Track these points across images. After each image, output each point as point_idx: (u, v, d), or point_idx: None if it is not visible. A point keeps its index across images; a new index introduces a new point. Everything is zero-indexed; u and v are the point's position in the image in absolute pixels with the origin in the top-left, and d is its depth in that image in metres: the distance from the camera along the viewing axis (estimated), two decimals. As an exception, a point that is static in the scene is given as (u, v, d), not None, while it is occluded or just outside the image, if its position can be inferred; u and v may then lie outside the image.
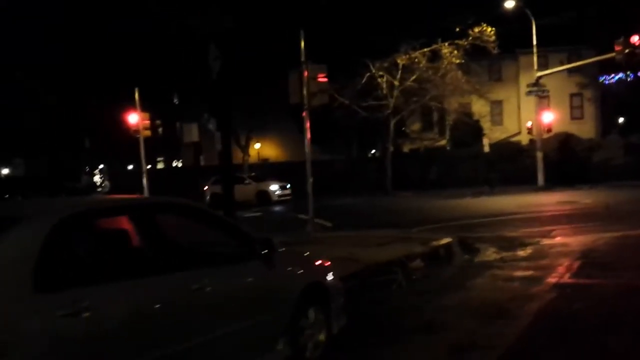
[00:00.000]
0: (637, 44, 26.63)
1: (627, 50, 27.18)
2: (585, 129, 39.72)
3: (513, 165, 37.08)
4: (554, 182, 32.79)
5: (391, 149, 36.94)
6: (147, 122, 24.30)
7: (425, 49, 33.75)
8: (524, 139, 38.85)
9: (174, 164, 51.68)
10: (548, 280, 7.84)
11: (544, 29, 36.70)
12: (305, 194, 32.26)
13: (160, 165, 56.08)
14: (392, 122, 36.25)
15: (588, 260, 9.27)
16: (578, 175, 33.81)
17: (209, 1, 14.23)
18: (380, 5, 32.93)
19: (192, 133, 28.55)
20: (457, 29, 33.49)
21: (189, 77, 32.42)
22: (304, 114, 15.32)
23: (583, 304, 6.56)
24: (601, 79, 43.11)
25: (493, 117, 41.60)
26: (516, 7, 33.81)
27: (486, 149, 35.99)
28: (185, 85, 38.11)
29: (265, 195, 33.73)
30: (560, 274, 8.26)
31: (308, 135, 15.43)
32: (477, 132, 40.14)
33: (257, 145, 48.96)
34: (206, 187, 35.11)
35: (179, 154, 51.31)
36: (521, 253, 10.39)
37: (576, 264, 8.95)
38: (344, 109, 35.49)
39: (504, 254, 10.47)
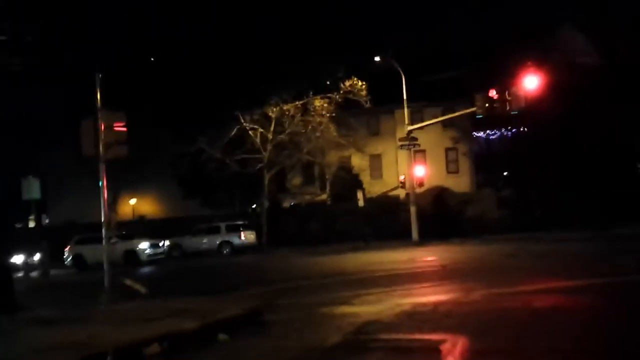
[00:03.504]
0: (495, 97, 26.82)
1: (486, 104, 27.36)
2: (461, 183, 39.94)
3: (390, 220, 36.52)
4: (429, 236, 32.33)
5: (266, 204, 35.61)
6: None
7: (297, 102, 33.07)
8: (402, 193, 38.52)
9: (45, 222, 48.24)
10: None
11: (420, 86, 37.02)
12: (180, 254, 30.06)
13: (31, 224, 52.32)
14: (267, 176, 35.08)
15: (353, 336, 8.00)
16: (452, 229, 33.56)
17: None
18: (249, 56, 32.07)
19: (32, 189, 26.31)
20: (328, 82, 33.10)
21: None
22: (101, 167, 13.60)
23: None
24: (479, 134, 43.87)
25: (373, 171, 41.27)
26: (389, 64, 33.80)
27: (360, 203, 35.26)
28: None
29: (133, 255, 31.18)
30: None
31: (104, 194, 13.65)
32: (356, 186, 39.50)
33: (133, 201, 46.45)
34: (68, 247, 32.41)
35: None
36: (289, 331, 8.99)
37: (333, 341, 7.64)
38: (214, 162, 34.10)
39: (275, 331, 9.06)
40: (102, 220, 13.55)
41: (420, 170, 34.03)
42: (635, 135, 37.29)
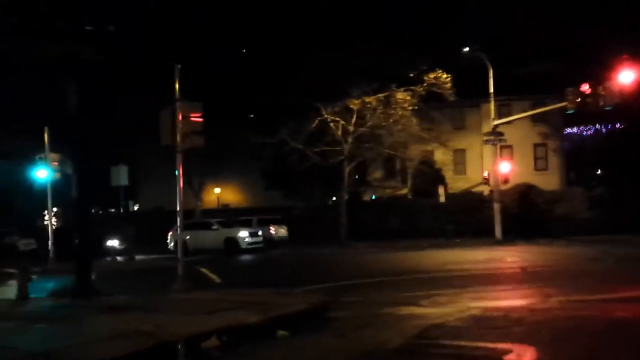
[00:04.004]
0: (587, 92, 25.52)
1: (578, 99, 26.09)
2: (550, 181, 38.30)
3: (473, 217, 35.53)
4: (514, 235, 31.26)
5: (346, 196, 35.42)
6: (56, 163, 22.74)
7: (379, 95, 32.63)
8: (486, 189, 37.44)
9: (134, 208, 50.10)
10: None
11: (509, 79, 35.76)
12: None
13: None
14: (347, 169, 34.89)
15: (415, 340, 7.71)
16: (538, 229, 32.28)
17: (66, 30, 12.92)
18: (333, 46, 31.85)
19: (120, 176, 27.30)
20: (412, 75, 32.49)
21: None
22: (177, 157, 13.80)
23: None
24: (571, 130, 42.04)
25: (456, 166, 40.32)
26: (477, 56, 32.81)
27: (442, 199, 34.51)
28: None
29: (234, 242, 31.79)
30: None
31: (180, 183, 13.84)
32: (438, 181, 38.72)
33: (217, 190, 47.51)
34: (171, 233, 33.45)
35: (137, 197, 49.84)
36: (351, 330, 8.78)
37: (393, 344, 7.38)
38: (296, 154, 34.23)
39: (337, 329, 8.87)
40: (178, 209, 13.78)
41: (505, 167, 32.91)
42: None
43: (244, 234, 31.86)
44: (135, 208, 49.60)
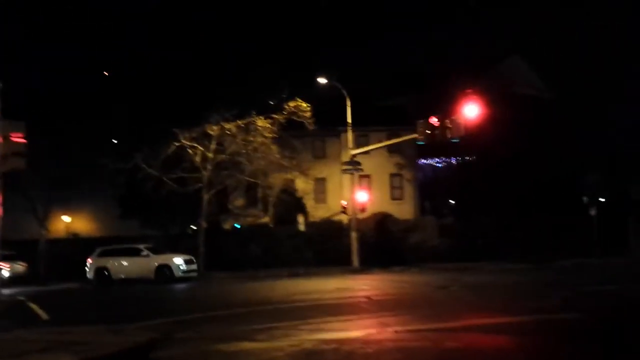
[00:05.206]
0: (436, 124, 26.60)
1: (427, 131, 27.11)
2: (405, 210, 39.61)
3: (333, 245, 35.81)
4: (371, 263, 31.76)
5: (205, 225, 34.39)
6: None
7: (239, 121, 32.16)
8: (346, 218, 37.97)
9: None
10: None
11: (367, 110, 36.70)
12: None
13: None
14: (207, 196, 33.93)
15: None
16: (394, 257, 33.10)
17: None
18: (190, 72, 31.17)
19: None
20: (272, 102, 32.40)
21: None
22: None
23: None
24: (425, 161, 43.77)
25: (317, 195, 40.55)
26: (334, 86, 33.37)
27: (301, 227, 34.52)
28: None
29: (167, 270, 29.33)
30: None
31: (-1, 209, 12.53)
32: (299, 209, 38.74)
33: (67, 219, 44.65)
34: (90, 260, 30.55)
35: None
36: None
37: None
38: (152, 181, 32.79)
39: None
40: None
41: (362, 196, 33.53)
42: (580, 167, 37.62)
43: (178, 260, 29.64)
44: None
